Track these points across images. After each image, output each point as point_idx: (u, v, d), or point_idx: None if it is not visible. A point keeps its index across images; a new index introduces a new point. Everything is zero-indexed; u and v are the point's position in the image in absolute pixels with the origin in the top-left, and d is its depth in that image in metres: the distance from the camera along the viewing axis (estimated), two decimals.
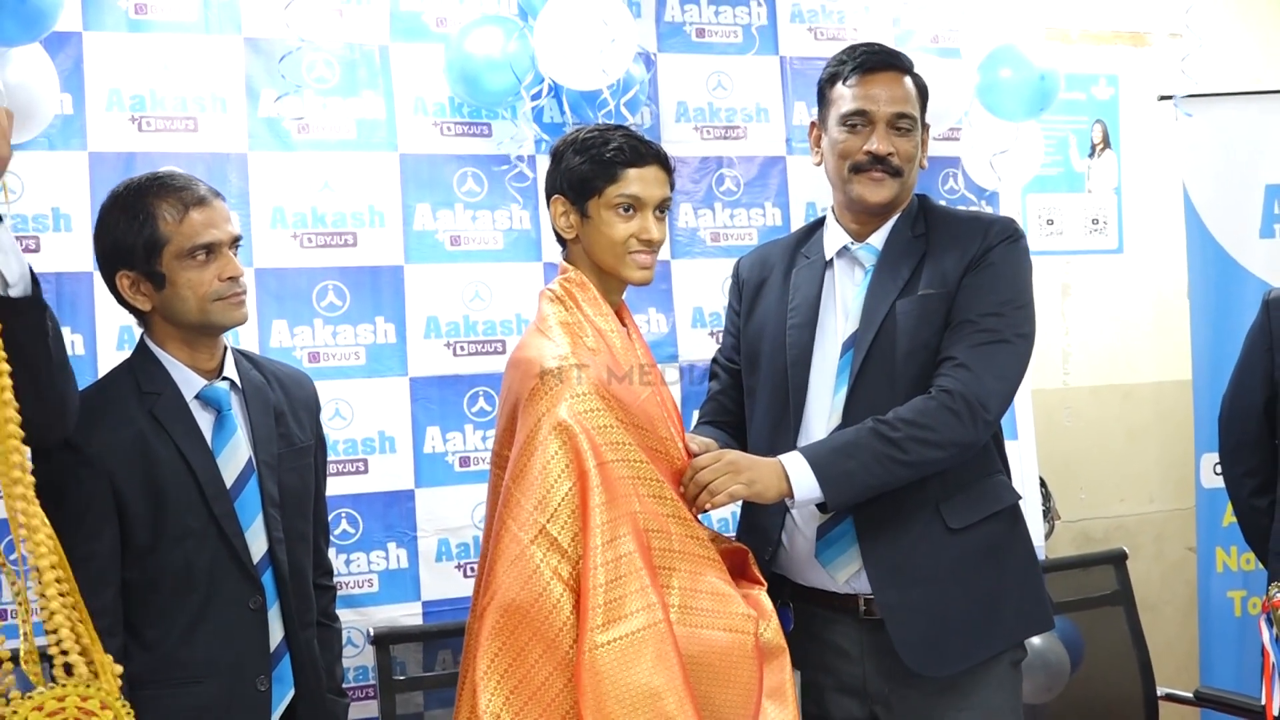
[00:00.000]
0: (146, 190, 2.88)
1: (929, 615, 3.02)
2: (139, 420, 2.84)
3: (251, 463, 2.94)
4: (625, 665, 2.56)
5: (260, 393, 3.03)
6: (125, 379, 2.92)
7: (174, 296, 2.86)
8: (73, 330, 3.73)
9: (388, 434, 4.05)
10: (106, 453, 2.78)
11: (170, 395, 2.89)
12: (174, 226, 2.84)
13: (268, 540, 2.93)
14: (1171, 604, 5.53)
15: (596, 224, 2.92)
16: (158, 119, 3.86)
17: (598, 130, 2.96)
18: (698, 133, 4.47)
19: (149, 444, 2.83)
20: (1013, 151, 4.58)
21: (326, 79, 4.03)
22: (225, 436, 2.92)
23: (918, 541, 3.04)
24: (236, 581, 2.88)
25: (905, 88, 3.17)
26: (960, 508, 3.07)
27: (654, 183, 2.93)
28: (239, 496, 2.90)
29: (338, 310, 4.01)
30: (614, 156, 2.89)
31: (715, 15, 4.51)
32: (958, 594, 3.05)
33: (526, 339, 2.93)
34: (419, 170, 4.12)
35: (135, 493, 2.80)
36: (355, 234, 4.04)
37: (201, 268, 2.86)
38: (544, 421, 2.72)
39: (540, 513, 2.66)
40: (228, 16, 3.94)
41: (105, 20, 3.82)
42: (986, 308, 3.04)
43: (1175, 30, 5.29)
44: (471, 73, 4.03)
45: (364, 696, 3.96)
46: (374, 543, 4.02)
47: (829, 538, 3.09)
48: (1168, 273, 5.49)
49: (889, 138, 3.13)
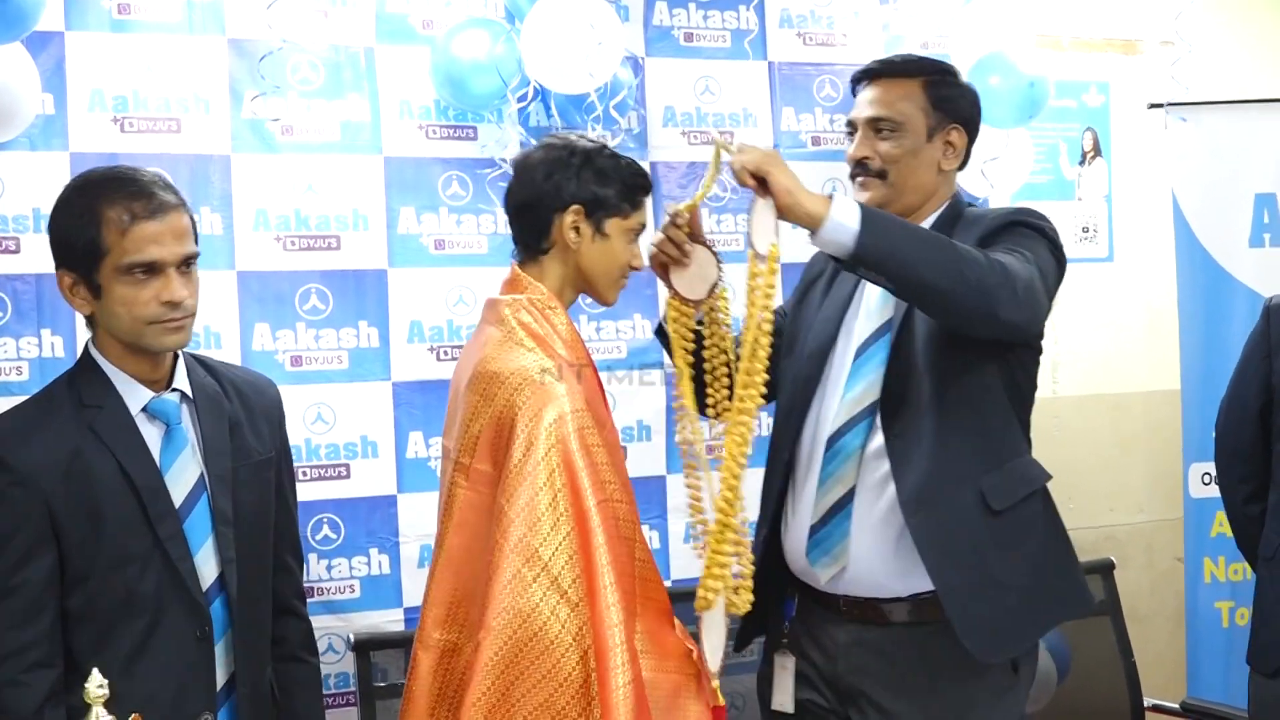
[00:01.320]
0: (100, 188, 2.65)
1: (986, 597, 2.97)
2: (75, 436, 2.63)
3: (203, 479, 2.74)
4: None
5: (214, 402, 2.83)
6: (64, 392, 2.71)
7: (108, 311, 2.64)
8: (53, 332, 3.72)
9: (370, 439, 4.04)
10: (40, 472, 2.58)
11: (113, 408, 2.68)
12: (116, 237, 2.59)
13: (219, 563, 2.74)
14: (1159, 614, 5.51)
15: (610, 243, 2.91)
16: (140, 120, 3.84)
17: (613, 153, 2.95)
18: (685, 137, 4.46)
19: (86, 461, 2.61)
20: (1002, 159, 4.58)
21: (311, 81, 4.01)
22: (174, 452, 2.72)
23: (962, 522, 2.99)
24: (182, 609, 2.68)
25: (892, 92, 3.15)
26: (1000, 488, 3.02)
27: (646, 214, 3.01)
28: (188, 516, 2.71)
29: (320, 314, 3.99)
30: (643, 184, 2.95)
31: (704, 19, 4.50)
32: (1006, 575, 3.00)
33: (497, 351, 2.82)
34: (403, 173, 4.11)
35: (72, 515, 2.59)
36: (339, 237, 4.02)
37: (139, 286, 2.61)
38: (539, 441, 2.67)
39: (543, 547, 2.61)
40: (211, 17, 3.91)
41: (88, 20, 3.80)
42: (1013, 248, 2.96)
43: (1167, 38, 5.27)
44: (457, 75, 4.02)
45: (344, 704, 3.95)
46: (356, 548, 4.00)
47: (818, 537, 3.07)
48: (1158, 282, 5.47)
49: (867, 142, 3.14)
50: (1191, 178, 5.14)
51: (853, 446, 3.03)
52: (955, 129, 3.19)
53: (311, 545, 3.92)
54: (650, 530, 3.31)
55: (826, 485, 3.07)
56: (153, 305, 2.62)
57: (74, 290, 2.67)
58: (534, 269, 2.93)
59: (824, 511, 3.07)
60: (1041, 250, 3.02)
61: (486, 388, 2.76)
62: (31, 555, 2.58)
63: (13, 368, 3.69)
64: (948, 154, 3.19)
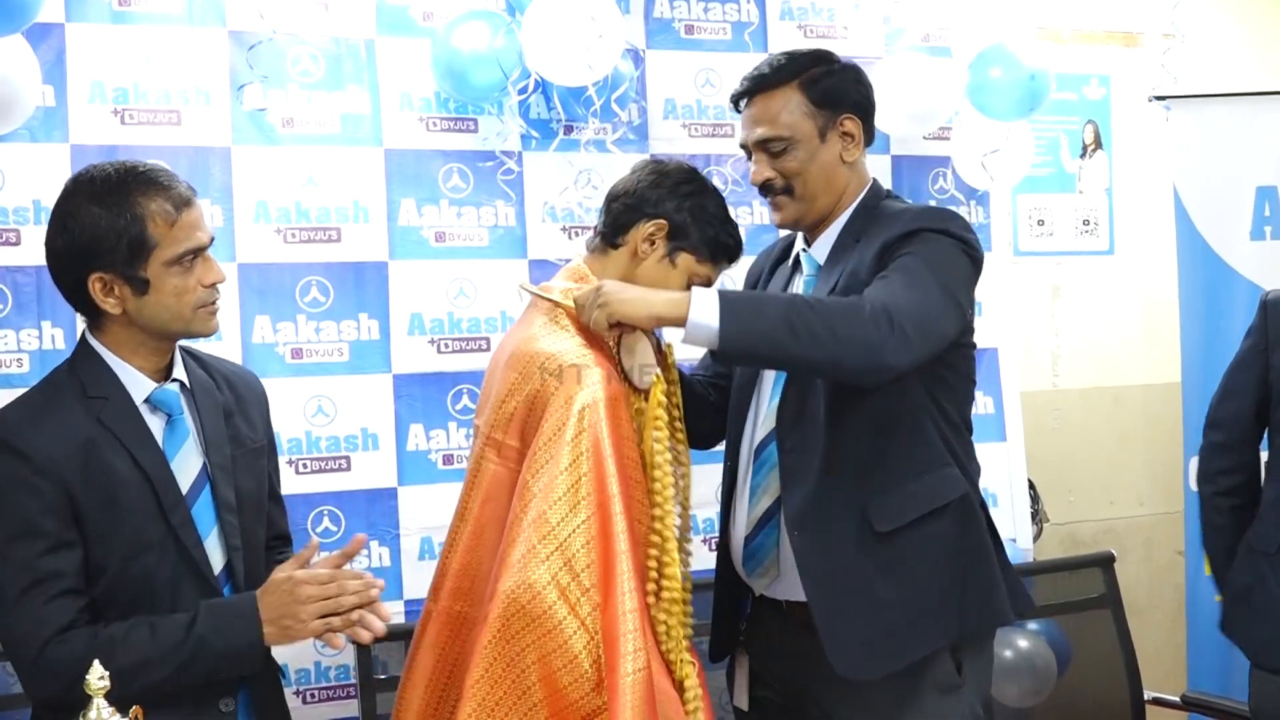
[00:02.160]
0: (129, 185, 2.64)
1: (861, 618, 2.95)
2: (86, 427, 2.63)
3: (205, 468, 2.75)
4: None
5: (209, 393, 2.84)
6: (67, 381, 2.70)
7: (155, 303, 2.65)
8: (53, 324, 3.72)
9: (370, 431, 4.04)
10: (58, 461, 2.57)
11: (118, 399, 2.68)
12: (164, 229, 2.62)
13: (225, 551, 2.75)
14: (1159, 608, 5.53)
15: (673, 270, 3.01)
16: (140, 112, 3.84)
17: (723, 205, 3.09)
18: (686, 130, 4.47)
19: (100, 452, 2.61)
20: (1003, 151, 4.58)
21: (311, 73, 4.01)
22: (178, 441, 2.73)
23: (845, 546, 2.96)
24: (198, 596, 2.68)
25: (774, 106, 3.08)
26: (889, 509, 2.97)
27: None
28: (193, 505, 2.72)
29: (321, 306, 4.00)
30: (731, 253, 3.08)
31: (704, 12, 4.50)
32: (889, 596, 2.96)
33: (542, 333, 2.88)
34: (404, 165, 4.11)
35: (92, 505, 2.59)
36: (339, 229, 4.03)
37: (188, 273, 2.66)
38: (569, 424, 2.70)
39: (561, 526, 2.65)
40: (211, 9, 3.92)
41: (88, 12, 3.80)
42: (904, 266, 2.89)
43: (1167, 31, 5.27)
44: (458, 68, 4.02)
45: (345, 696, 3.95)
46: None
47: (750, 548, 3.09)
48: (1158, 274, 5.49)
49: (763, 163, 3.09)
50: (1192, 170, 5.15)
51: (776, 457, 3.04)
52: (847, 118, 3.11)
53: (312, 537, 3.89)
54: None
55: (755, 496, 3.07)
56: (199, 290, 2.69)
57: (111, 290, 2.64)
58: (598, 262, 3.00)
59: (754, 522, 3.07)
60: (945, 253, 2.94)
61: (525, 366, 2.81)
62: (62, 543, 2.58)
63: (13, 359, 3.69)
64: (847, 145, 3.11)
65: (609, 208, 3.05)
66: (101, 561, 2.61)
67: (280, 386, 3.84)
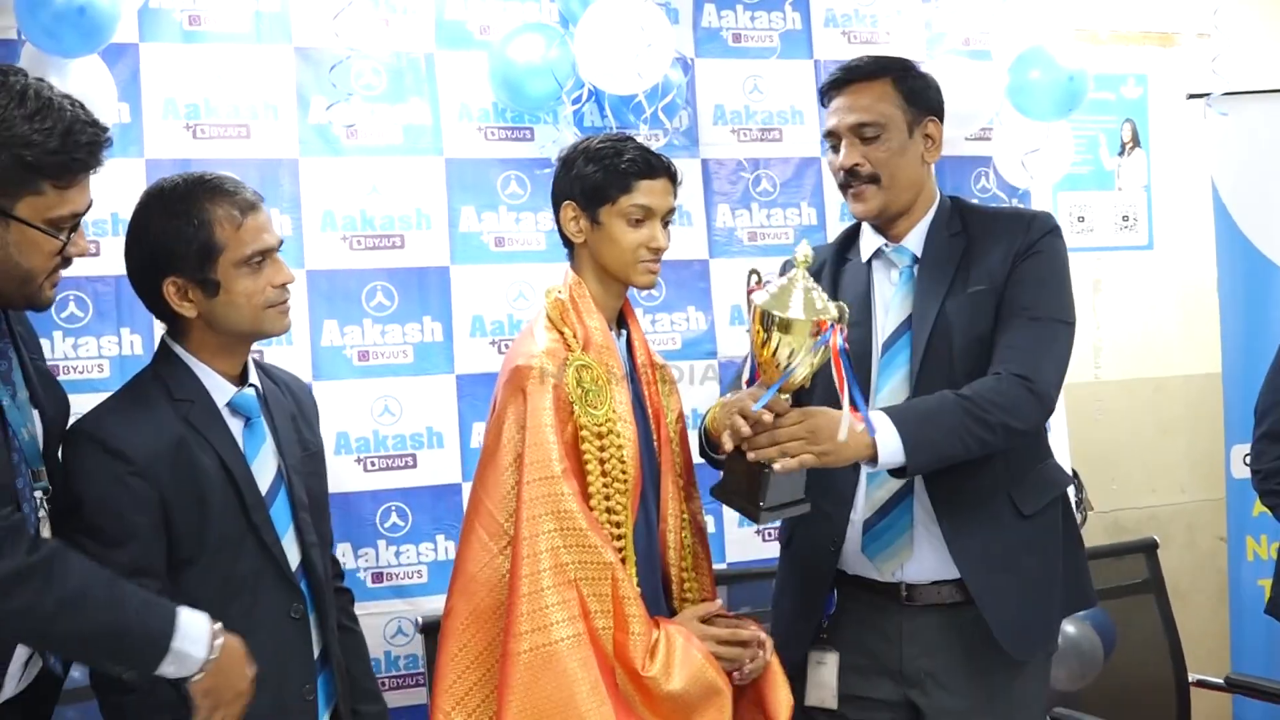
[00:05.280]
0: (196, 193, 2.76)
1: (1018, 599, 3.09)
2: (176, 428, 2.72)
3: (281, 470, 2.87)
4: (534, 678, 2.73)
5: (277, 399, 2.97)
6: (154, 385, 2.80)
7: (227, 304, 2.75)
8: (131, 331, 3.84)
9: (435, 429, 4.14)
10: (153, 461, 2.67)
11: (203, 402, 2.78)
12: (230, 232, 2.73)
13: (301, 547, 2.87)
14: (1202, 592, 5.58)
15: (608, 231, 3.01)
16: (212, 126, 3.96)
17: (610, 141, 3.04)
18: (734, 135, 4.56)
19: (190, 452, 2.71)
20: (1043, 150, 4.65)
21: (374, 86, 4.13)
22: (257, 443, 2.85)
23: (996, 528, 3.09)
24: (278, 590, 2.81)
25: (870, 96, 3.17)
26: (1029, 494, 3.14)
27: (663, 194, 3.03)
28: (272, 504, 2.83)
29: (386, 310, 4.11)
30: (628, 168, 2.98)
31: (751, 20, 4.60)
32: (1035, 577, 3.13)
33: (519, 337, 3.09)
34: (464, 174, 4.22)
35: (181, 503, 2.69)
36: (403, 236, 4.14)
37: (256, 275, 2.76)
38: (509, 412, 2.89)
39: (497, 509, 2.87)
40: (278, 27, 4.04)
41: (161, 32, 3.92)
42: (1037, 297, 3.09)
43: (1203, 30, 5.34)
44: (514, 79, 4.13)
45: (414, 684, 4.05)
46: (423, 535, 4.10)
47: (875, 531, 3.15)
48: (1197, 268, 5.54)
49: (854, 149, 3.16)
50: (1230, 166, 5.21)
51: None
52: (931, 120, 3.24)
53: (380, 532, 4.04)
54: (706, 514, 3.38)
55: (876, 479, 3.13)
56: (268, 290, 2.79)
57: (182, 295, 2.75)
58: (574, 263, 3.10)
59: (878, 505, 3.15)
60: (1060, 257, 3.18)
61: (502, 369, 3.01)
62: (156, 541, 2.68)
63: (94, 365, 3.81)
64: (929, 147, 3.23)
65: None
66: (188, 557, 2.72)
67: (348, 388, 3.99)
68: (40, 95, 2.42)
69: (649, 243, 3.01)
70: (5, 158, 2.37)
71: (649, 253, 3.01)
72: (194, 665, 2.47)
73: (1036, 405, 3.00)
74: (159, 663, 2.45)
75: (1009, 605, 3.08)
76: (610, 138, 3.07)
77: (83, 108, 2.50)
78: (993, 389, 2.96)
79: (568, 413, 2.88)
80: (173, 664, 2.45)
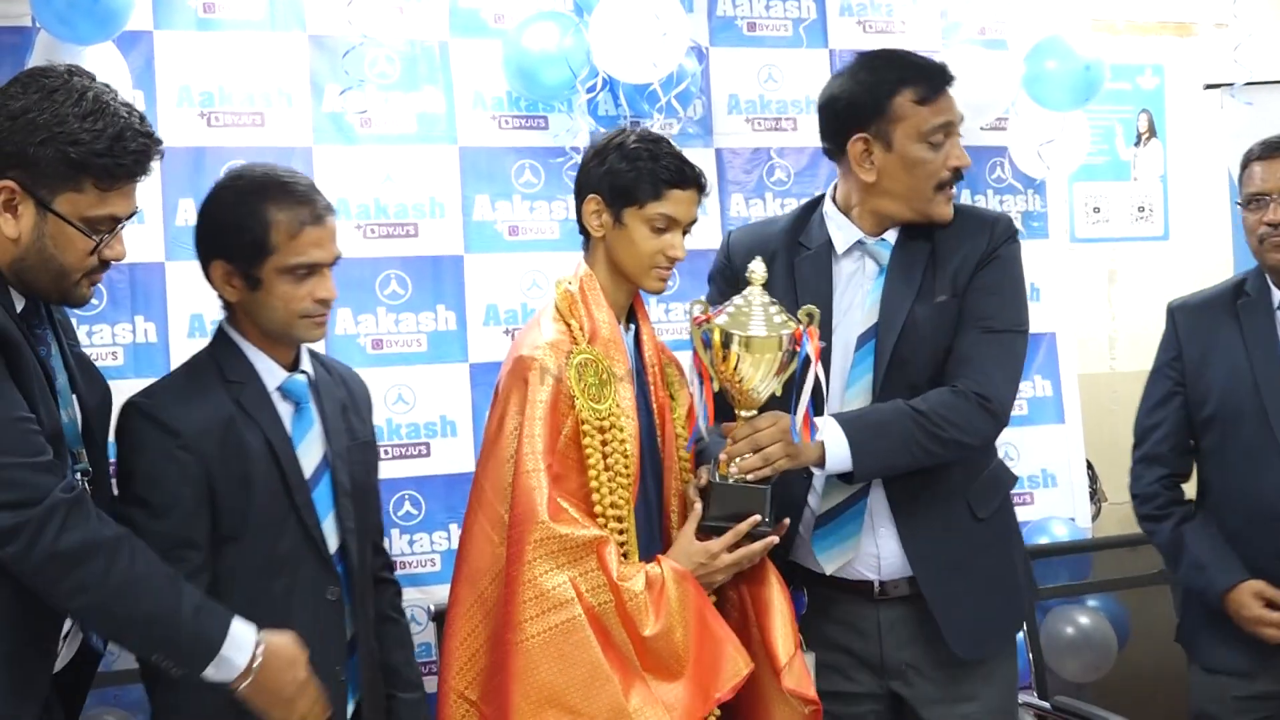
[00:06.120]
0: (267, 190, 2.81)
1: (972, 601, 3.12)
2: (226, 407, 2.80)
3: (326, 455, 2.92)
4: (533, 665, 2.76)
5: (329, 388, 3.01)
6: (209, 365, 2.87)
7: (264, 303, 2.81)
8: (145, 319, 3.86)
9: (449, 418, 4.15)
10: (202, 438, 2.74)
11: (254, 385, 2.85)
12: (285, 239, 2.77)
13: (340, 533, 2.91)
14: None
15: (629, 232, 2.99)
16: (226, 114, 3.98)
17: (646, 142, 3.02)
18: (749, 124, 4.57)
19: (238, 431, 2.78)
20: (1059, 141, 4.65)
21: (388, 74, 4.14)
22: (304, 428, 2.90)
23: (951, 532, 3.13)
24: (316, 572, 2.85)
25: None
26: (982, 496, 3.17)
27: (690, 204, 3.02)
28: (315, 488, 2.88)
29: (400, 299, 4.12)
30: (662, 174, 2.97)
31: (766, 9, 4.60)
32: (989, 578, 3.17)
33: (526, 327, 3.11)
34: (478, 162, 4.23)
35: (227, 480, 2.76)
36: (416, 225, 4.15)
37: (298, 284, 2.80)
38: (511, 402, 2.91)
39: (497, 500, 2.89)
40: (292, 14, 4.05)
41: (175, 19, 3.94)
42: (996, 307, 3.10)
43: (1221, 20, 5.32)
44: (528, 67, 4.14)
45: (426, 672, 3.98)
46: (436, 523, 4.12)
47: (826, 529, 3.15)
48: (1213, 259, 5.52)
49: (959, 146, 3.14)
50: None
51: None
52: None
53: (394, 521, 4.05)
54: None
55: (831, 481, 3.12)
56: (307, 301, 2.81)
57: (226, 280, 2.82)
58: (588, 255, 3.09)
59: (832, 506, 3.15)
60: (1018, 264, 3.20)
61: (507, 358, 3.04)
62: (199, 514, 2.74)
63: (109, 353, 3.82)
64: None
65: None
66: (231, 533, 2.78)
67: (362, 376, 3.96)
68: (99, 99, 2.50)
69: (668, 250, 3.00)
70: (51, 151, 2.44)
71: (665, 260, 3.00)
72: (234, 671, 2.54)
73: (991, 422, 3.05)
74: (206, 664, 2.52)
75: (964, 608, 3.12)
76: (647, 137, 3.04)
77: (141, 118, 2.56)
78: (949, 405, 3.00)
79: (568, 406, 2.89)
80: (217, 668, 2.52)
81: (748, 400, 2.92)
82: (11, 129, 2.44)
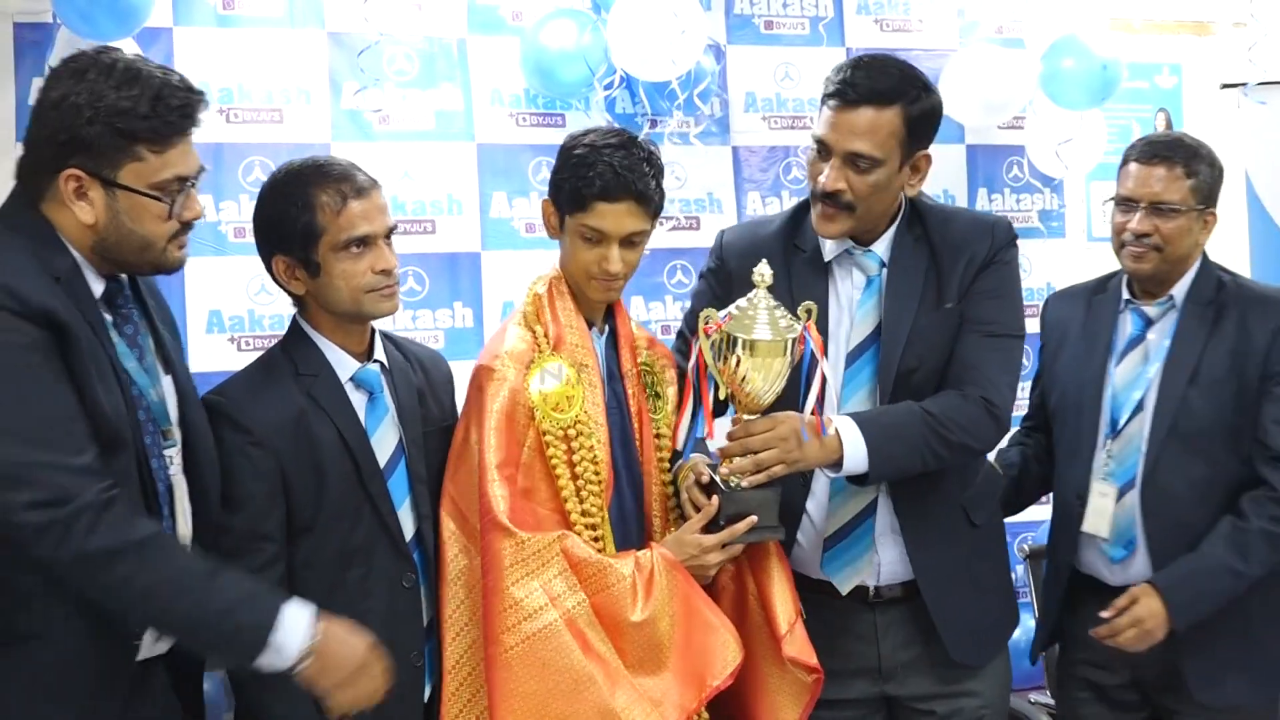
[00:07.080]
0: (306, 177, 2.86)
1: (971, 608, 3.14)
2: (298, 400, 2.84)
3: (401, 443, 2.94)
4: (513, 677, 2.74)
5: (404, 374, 3.02)
6: (282, 360, 2.92)
7: (328, 286, 2.85)
8: None
9: None
10: (273, 433, 2.79)
11: (326, 377, 2.89)
12: (331, 217, 2.81)
13: (416, 519, 2.94)
14: None
15: (569, 239, 2.96)
16: (245, 111, 4.00)
17: (590, 147, 2.90)
18: (766, 122, 4.57)
19: (309, 424, 2.83)
20: (1076, 140, 4.66)
21: (406, 71, 4.16)
22: (378, 418, 2.93)
23: (951, 540, 3.14)
24: (391, 559, 2.89)
25: (875, 122, 2.95)
26: (979, 503, 3.19)
27: (624, 217, 2.88)
28: (391, 476, 2.91)
29: (418, 295, 4.13)
30: (585, 188, 2.86)
31: (783, 8, 4.60)
32: (986, 584, 3.21)
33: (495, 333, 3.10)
34: (495, 159, 4.24)
35: (300, 472, 2.81)
36: (434, 221, 4.17)
37: (356, 259, 2.83)
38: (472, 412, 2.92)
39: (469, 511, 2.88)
40: (311, 11, 4.07)
41: (194, 16, 3.96)
42: (997, 313, 3.10)
43: (1239, 19, 5.31)
44: (546, 65, 4.15)
45: None
46: None
47: (836, 550, 3.14)
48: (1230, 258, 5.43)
49: (841, 174, 2.96)
50: (1264, 157, 5.19)
51: None
52: (923, 156, 3.07)
53: None
54: None
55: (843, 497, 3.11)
56: (369, 275, 2.84)
57: (290, 273, 2.88)
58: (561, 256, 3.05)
59: (842, 524, 3.13)
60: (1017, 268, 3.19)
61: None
62: (272, 508, 2.79)
63: None
64: (913, 180, 3.08)
65: None
66: (305, 525, 2.83)
67: None
68: (130, 67, 2.52)
69: (600, 263, 2.89)
70: (99, 128, 2.45)
71: (599, 272, 2.91)
72: (290, 657, 2.49)
73: (995, 428, 3.05)
74: (257, 654, 2.49)
75: (964, 615, 3.13)
76: (595, 145, 2.90)
77: (177, 75, 2.60)
78: (958, 409, 2.99)
79: (528, 418, 2.87)
80: (270, 656, 2.49)
81: (751, 403, 2.89)
82: (58, 118, 2.46)
